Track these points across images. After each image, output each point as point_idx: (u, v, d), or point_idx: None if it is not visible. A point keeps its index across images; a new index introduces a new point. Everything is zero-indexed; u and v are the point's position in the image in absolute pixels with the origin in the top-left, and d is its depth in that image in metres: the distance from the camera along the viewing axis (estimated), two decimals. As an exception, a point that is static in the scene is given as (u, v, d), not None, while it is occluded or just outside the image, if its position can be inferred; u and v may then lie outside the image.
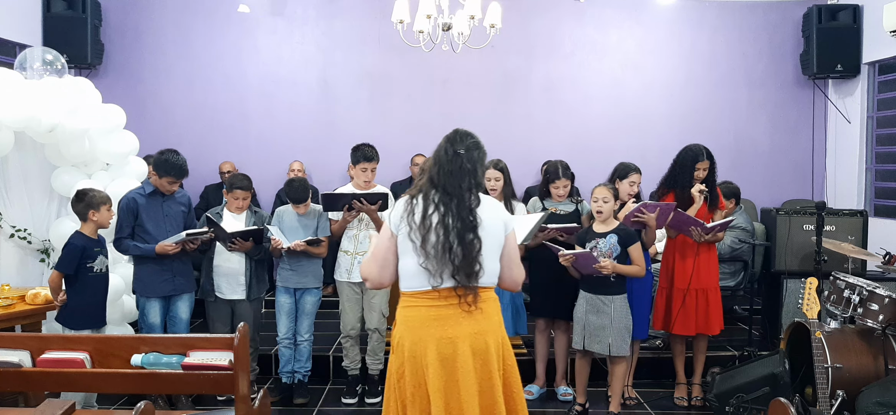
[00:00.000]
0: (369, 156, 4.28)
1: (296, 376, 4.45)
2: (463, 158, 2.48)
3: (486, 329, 2.47)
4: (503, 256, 2.56)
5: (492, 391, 2.44)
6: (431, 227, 2.41)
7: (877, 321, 3.70)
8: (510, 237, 2.58)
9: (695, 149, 4.28)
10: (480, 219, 2.46)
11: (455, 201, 2.43)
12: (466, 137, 2.54)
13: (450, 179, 2.46)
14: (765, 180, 7.11)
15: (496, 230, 2.52)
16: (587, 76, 7.15)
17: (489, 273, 2.49)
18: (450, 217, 2.42)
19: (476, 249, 2.42)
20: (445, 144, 2.54)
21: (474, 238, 2.42)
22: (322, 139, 7.01)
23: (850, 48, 6.65)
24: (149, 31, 6.96)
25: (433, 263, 2.41)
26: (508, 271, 2.60)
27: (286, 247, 4.16)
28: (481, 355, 2.44)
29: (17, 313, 3.87)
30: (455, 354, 2.41)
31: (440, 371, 2.41)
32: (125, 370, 2.87)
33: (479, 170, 2.53)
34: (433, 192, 2.47)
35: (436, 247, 2.40)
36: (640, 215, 4.09)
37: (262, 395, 2.97)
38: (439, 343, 2.42)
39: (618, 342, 3.91)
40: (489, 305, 2.50)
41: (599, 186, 4.00)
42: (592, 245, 3.96)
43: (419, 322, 2.45)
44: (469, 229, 2.42)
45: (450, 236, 2.40)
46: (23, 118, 4.16)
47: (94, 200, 3.87)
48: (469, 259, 2.41)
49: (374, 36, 6.94)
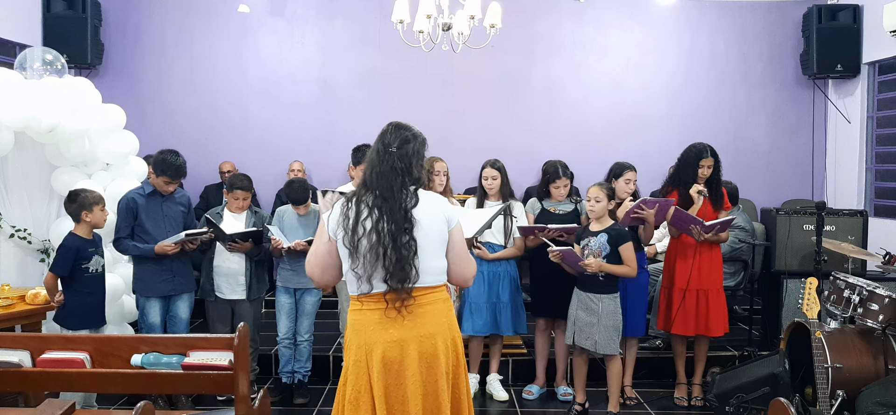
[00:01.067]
0: None
1: (296, 376, 4.45)
2: (394, 156, 2.41)
3: (435, 331, 2.39)
4: (449, 251, 2.48)
5: (437, 395, 2.38)
6: (365, 232, 2.34)
7: (877, 321, 3.70)
8: (455, 232, 2.50)
9: (699, 147, 4.29)
10: (416, 219, 2.38)
11: (388, 204, 2.36)
12: (399, 133, 2.46)
13: (381, 180, 2.39)
14: (765, 180, 7.11)
15: (437, 227, 2.44)
16: (587, 76, 7.15)
17: (431, 272, 2.41)
18: (383, 221, 2.34)
19: (411, 251, 2.34)
20: (377, 143, 2.47)
21: (410, 239, 2.34)
22: (322, 139, 7.01)
23: (850, 48, 6.65)
24: (149, 31, 6.96)
25: (367, 268, 2.35)
26: (456, 267, 2.51)
27: (286, 247, 4.16)
28: (428, 358, 2.37)
29: (17, 313, 3.87)
30: (401, 357, 2.36)
31: (384, 375, 2.35)
32: (125, 370, 2.87)
33: (415, 166, 2.44)
34: (366, 194, 2.40)
35: (368, 252, 2.34)
36: (640, 212, 4.11)
37: (262, 395, 2.97)
38: (386, 346, 2.35)
39: (604, 340, 3.94)
40: (437, 306, 2.43)
41: (593, 186, 4.03)
42: (584, 243, 4.00)
43: (365, 325, 2.39)
44: (403, 231, 2.34)
45: (383, 240, 2.33)
46: (23, 118, 4.15)
47: (87, 200, 3.86)
48: (402, 262, 2.32)
49: (374, 36, 6.94)
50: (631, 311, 4.24)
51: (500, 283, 4.36)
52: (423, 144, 2.52)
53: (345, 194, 2.50)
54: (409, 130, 2.50)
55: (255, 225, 4.29)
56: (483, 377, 4.59)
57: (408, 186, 2.41)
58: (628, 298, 4.21)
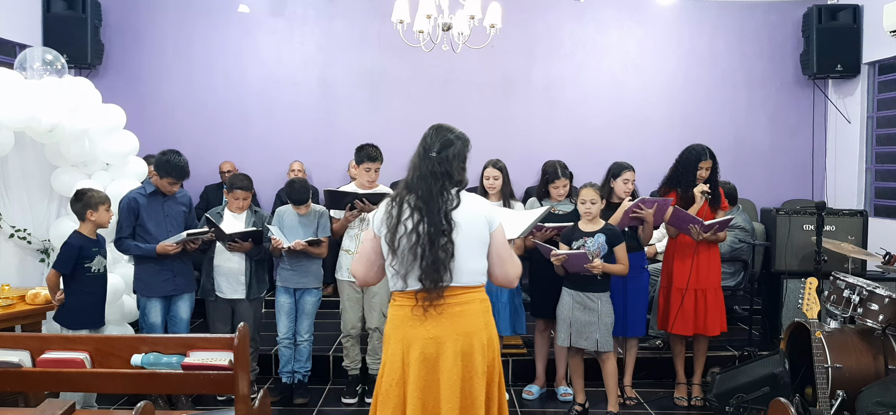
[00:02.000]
0: (373, 156, 4.28)
1: (296, 376, 4.45)
2: (434, 160, 2.46)
3: (471, 330, 2.44)
4: (491, 253, 2.52)
5: (472, 392, 2.42)
6: (405, 231, 2.41)
7: (877, 321, 3.70)
8: (496, 234, 2.52)
9: (698, 148, 4.29)
10: (456, 221, 2.42)
11: (427, 206, 2.41)
12: (439, 135, 2.51)
13: (421, 183, 2.44)
14: (765, 180, 7.11)
15: (477, 229, 2.47)
16: (587, 76, 7.15)
17: (469, 272, 2.46)
18: (423, 222, 2.40)
19: (448, 253, 2.39)
20: (420, 146, 2.52)
21: (447, 242, 2.39)
22: (322, 139, 7.01)
23: (850, 48, 6.65)
24: (149, 31, 6.96)
25: (405, 266, 2.41)
26: (499, 268, 2.54)
27: (286, 247, 4.16)
28: (464, 356, 2.42)
29: (17, 313, 3.87)
30: (438, 354, 2.41)
31: (421, 370, 2.41)
32: (125, 370, 2.86)
33: (455, 169, 2.49)
34: (408, 195, 2.46)
35: (407, 251, 2.40)
36: (639, 211, 4.11)
37: (262, 395, 2.97)
38: (424, 343, 2.42)
39: (604, 338, 3.98)
40: (474, 306, 2.47)
41: (586, 187, 4.03)
42: (579, 244, 3.98)
43: (404, 321, 2.47)
44: (440, 234, 2.39)
45: (422, 241, 2.39)
46: (23, 118, 4.15)
47: (93, 199, 3.87)
48: (437, 264, 2.38)
49: (374, 36, 6.94)
50: (631, 311, 4.24)
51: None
52: (465, 146, 2.56)
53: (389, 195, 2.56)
54: (451, 132, 2.54)
55: (255, 225, 4.29)
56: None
57: (448, 188, 2.45)
58: (628, 298, 4.22)
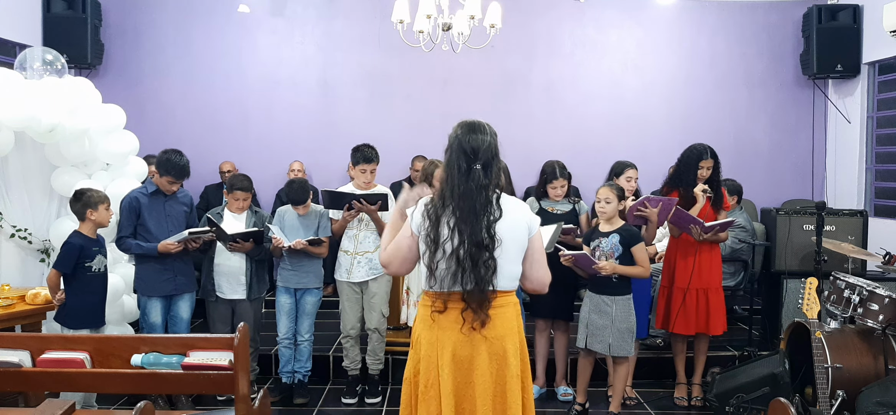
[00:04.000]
0: (369, 157, 4.28)
1: (296, 376, 4.45)
2: (478, 174, 2.33)
3: (504, 334, 2.40)
4: (527, 259, 2.46)
5: (505, 395, 2.39)
6: (445, 255, 2.34)
7: (877, 321, 3.70)
8: (534, 239, 2.47)
9: (699, 148, 4.29)
10: (499, 235, 2.34)
11: (471, 224, 2.31)
12: (477, 138, 2.36)
13: (464, 199, 2.32)
14: (765, 180, 7.11)
15: (518, 236, 2.41)
16: (587, 76, 7.15)
17: (506, 277, 2.40)
18: (465, 242, 2.30)
19: (490, 270, 2.33)
20: (458, 156, 2.36)
21: (490, 258, 2.32)
22: (322, 139, 7.01)
23: (850, 48, 6.65)
24: (149, 31, 6.96)
25: (448, 270, 2.35)
26: (534, 273, 2.49)
27: (287, 246, 4.16)
28: (498, 360, 2.39)
29: (17, 313, 3.87)
30: (472, 356, 2.38)
31: (454, 372, 2.38)
32: (125, 370, 2.86)
33: (493, 175, 2.37)
34: (447, 212, 2.34)
35: (449, 264, 2.34)
36: (642, 210, 4.11)
37: (262, 395, 2.97)
38: (456, 344, 2.38)
39: (618, 343, 3.90)
40: (509, 310, 2.43)
41: (603, 187, 4.00)
42: (595, 244, 3.96)
43: (437, 322, 2.41)
44: (484, 249, 2.31)
45: (462, 260, 2.31)
46: (23, 118, 4.15)
47: (92, 199, 3.87)
48: (482, 284, 2.32)
49: (374, 36, 6.93)
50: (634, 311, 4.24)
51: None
52: (496, 137, 2.42)
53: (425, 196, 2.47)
54: (485, 133, 2.39)
55: (255, 225, 4.29)
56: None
57: (491, 200, 2.35)
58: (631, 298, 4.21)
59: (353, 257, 4.32)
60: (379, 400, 4.45)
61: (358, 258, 4.31)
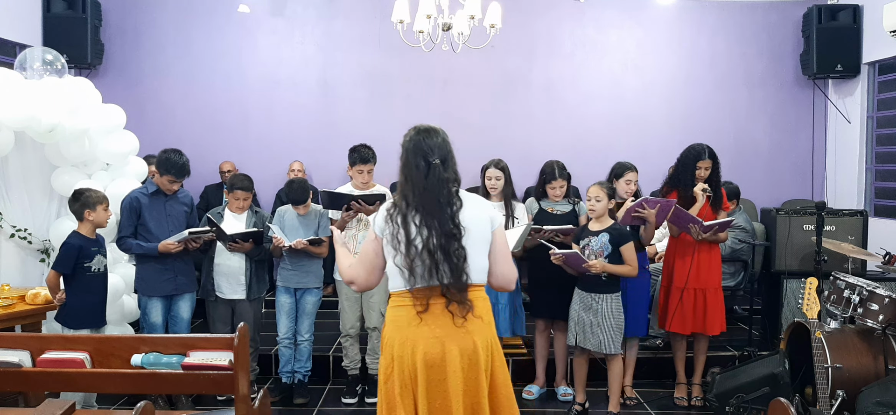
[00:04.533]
0: (366, 158, 4.28)
1: (296, 376, 4.45)
2: (438, 168, 2.39)
3: (474, 329, 2.40)
4: (492, 253, 2.49)
5: (477, 391, 2.40)
6: (418, 252, 2.35)
7: (877, 321, 3.70)
8: (497, 233, 2.50)
9: (697, 148, 4.29)
10: (465, 225, 2.38)
11: (436, 219, 2.35)
12: (432, 139, 2.42)
13: (426, 196, 2.36)
14: (765, 180, 7.11)
15: (482, 229, 2.45)
16: (587, 76, 7.15)
17: (476, 271, 2.43)
18: (434, 235, 2.34)
19: (462, 257, 2.36)
20: (414, 158, 2.41)
21: (459, 247, 2.36)
22: (322, 139, 7.01)
23: (850, 48, 6.65)
24: (149, 31, 6.96)
25: (418, 266, 2.35)
26: (498, 267, 2.50)
27: (288, 246, 4.16)
28: (469, 355, 2.39)
29: (17, 313, 3.87)
30: (443, 353, 2.37)
31: (426, 371, 2.37)
32: (125, 370, 2.86)
33: (450, 170, 2.43)
34: (411, 212, 2.37)
35: (423, 259, 2.35)
36: (641, 211, 4.11)
37: (262, 395, 2.97)
38: (427, 343, 2.38)
39: (608, 340, 3.95)
40: (477, 305, 2.43)
41: (593, 185, 4.03)
42: (585, 243, 3.99)
43: (406, 322, 2.41)
44: (453, 239, 2.35)
45: (434, 252, 2.33)
46: (23, 118, 4.16)
47: (90, 199, 3.87)
48: (458, 272, 2.35)
49: (374, 36, 6.93)
50: (632, 311, 4.24)
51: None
52: (448, 140, 2.49)
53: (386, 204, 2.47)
54: (436, 132, 2.47)
55: (255, 225, 4.29)
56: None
57: (454, 193, 2.41)
58: (629, 298, 4.21)
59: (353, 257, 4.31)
60: (379, 400, 4.44)
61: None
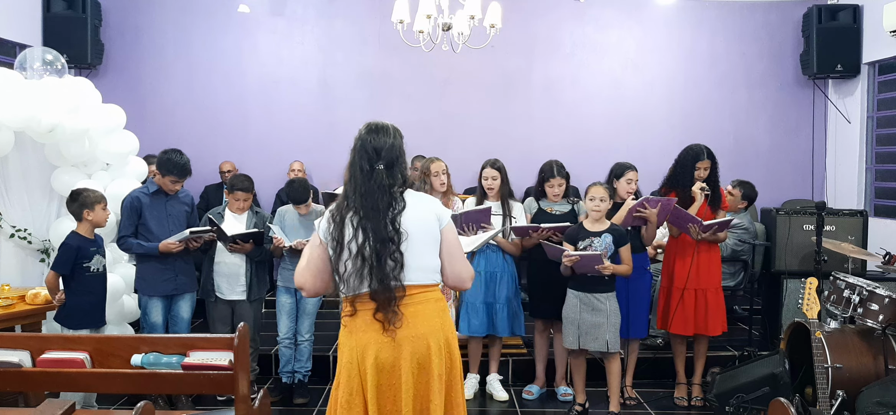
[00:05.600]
0: None
1: (296, 376, 4.45)
2: (382, 173, 2.33)
3: (427, 332, 2.34)
4: (442, 251, 2.42)
5: (427, 396, 2.34)
6: (351, 255, 2.31)
7: (877, 321, 3.70)
8: (447, 231, 2.42)
9: (696, 148, 4.30)
10: (404, 227, 2.31)
11: (372, 223, 2.29)
12: (379, 139, 2.38)
13: (366, 199, 2.31)
14: (765, 180, 7.06)
15: (428, 227, 2.38)
16: (587, 76, 7.15)
17: (423, 270, 2.36)
18: (368, 241, 2.29)
19: (396, 264, 2.29)
20: (359, 158, 2.37)
21: (396, 250, 2.29)
22: (322, 139, 7.01)
23: (850, 48, 6.65)
24: (149, 31, 6.96)
25: (354, 270, 2.31)
26: (450, 266, 2.43)
27: (288, 246, 4.16)
28: (420, 359, 2.33)
29: (17, 313, 3.87)
30: (395, 358, 2.32)
31: (377, 376, 2.32)
32: (125, 370, 2.86)
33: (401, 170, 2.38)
34: (350, 212, 2.33)
35: (356, 263, 2.30)
36: (642, 211, 4.11)
37: (262, 395, 2.97)
38: (379, 347, 2.31)
39: (614, 339, 3.96)
40: (429, 306, 2.37)
41: (596, 185, 4.02)
42: (587, 243, 3.97)
43: (357, 327, 2.36)
44: (389, 243, 2.29)
45: (369, 261, 2.28)
46: (23, 118, 4.15)
47: (89, 199, 3.86)
48: (386, 281, 2.28)
49: (374, 36, 6.93)
50: (633, 312, 4.25)
51: (497, 283, 4.34)
52: (401, 138, 2.44)
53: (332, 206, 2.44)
54: (388, 134, 2.41)
55: (255, 225, 4.29)
56: (483, 377, 4.58)
57: (396, 197, 2.34)
58: (630, 298, 4.22)
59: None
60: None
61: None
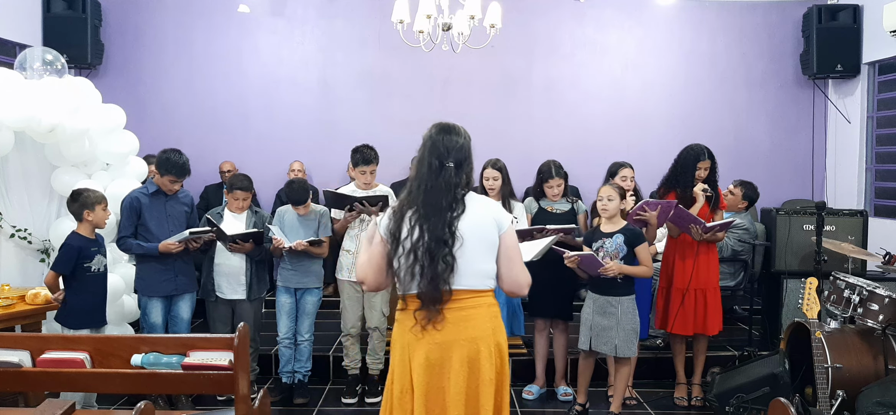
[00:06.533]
0: (368, 158, 4.28)
1: (296, 376, 4.45)
2: (451, 171, 2.35)
3: (478, 335, 2.36)
4: (500, 257, 2.42)
5: (477, 399, 2.36)
6: (404, 251, 2.34)
7: (877, 321, 3.70)
8: (506, 237, 2.43)
9: (696, 148, 4.29)
10: (461, 231, 2.32)
11: (430, 222, 2.31)
12: (451, 139, 2.39)
13: (430, 196, 2.34)
14: (765, 180, 7.03)
15: (486, 232, 2.39)
16: (587, 76, 7.15)
17: (477, 276, 2.37)
18: (424, 237, 2.31)
19: (447, 267, 2.30)
20: (430, 155, 2.39)
21: (448, 254, 2.30)
22: (322, 139, 7.01)
23: (850, 48, 6.65)
24: (149, 31, 6.96)
25: (407, 267, 2.34)
26: (507, 271, 2.44)
27: (288, 247, 4.16)
28: (471, 363, 2.35)
29: (17, 313, 3.87)
30: (444, 359, 2.34)
31: (426, 375, 2.34)
32: (125, 370, 2.86)
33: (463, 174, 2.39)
34: (410, 210, 2.36)
35: (408, 259, 2.33)
36: (642, 214, 4.11)
37: (262, 395, 2.97)
38: (429, 347, 2.35)
39: (624, 343, 3.88)
40: (482, 311, 2.39)
41: (605, 186, 4.01)
42: (599, 245, 3.94)
43: (411, 325, 2.39)
44: (442, 245, 2.30)
45: (420, 257, 2.30)
46: (23, 118, 4.15)
47: (89, 199, 3.86)
48: (436, 281, 2.30)
49: (374, 36, 6.94)
50: (634, 312, 4.25)
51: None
52: (470, 141, 2.45)
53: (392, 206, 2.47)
54: (458, 135, 2.42)
55: (255, 225, 4.29)
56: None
57: (458, 198, 2.36)
58: (632, 299, 4.21)
59: (356, 257, 4.32)
60: (379, 400, 4.44)
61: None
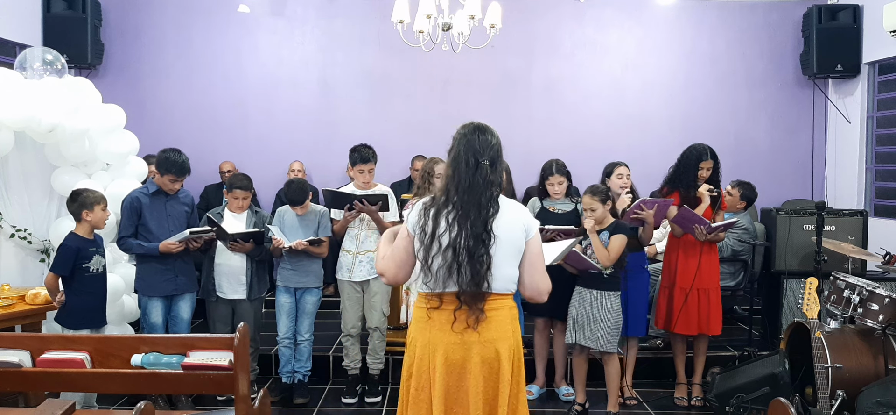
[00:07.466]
0: (366, 157, 4.28)
1: (296, 376, 4.45)
2: (486, 169, 2.36)
3: (498, 338, 2.38)
4: (524, 262, 2.44)
5: (496, 400, 2.38)
6: (440, 248, 2.33)
7: (877, 321, 3.70)
8: (532, 243, 2.44)
9: (699, 148, 4.30)
10: (495, 232, 2.34)
11: (471, 218, 2.32)
12: (486, 139, 2.40)
13: (469, 193, 2.34)
14: (765, 180, 7.05)
15: (514, 237, 2.40)
16: (587, 76, 7.15)
17: (501, 279, 2.38)
18: (463, 235, 2.31)
19: (484, 265, 2.32)
20: (466, 152, 2.38)
21: (484, 253, 2.32)
22: (322, 139, 7.01)
23: (850, 48, 6.65)
24: (149, 31, 6.96)
25: (443, 270, 2.34)
26: (530, 278, 2.45)
27: (288, 247, 4.16)
28: (490, 364, 2.38)
29: (17, 313, 3.87)
30: (464, 359, 2.36)
31: (446, 375, 2.36)
32: (125, 370, 2.86)
33: (498, 174, 2.40)
34: (447, 207, 2.35)
35: (445, 256, 2.33)
36: (639, 212, 4.12)
37: (262, 395, 2.97)
38: (448, 347, 2.37)
39: (606, 338, 3.96)
40: (503, 313, 2.41)
41: (584, 195, 4.05)
42: (586, 243, 4.02)
43: (431, 324, 2.40)
44: (481, 243, 2.31)
45: (458, 253, 2.31)
46: (23, 118, 4.15)
47: (88, 199, 3.86)
48: (477, 278, 2.31)
49: (374, 36, 6.94)
50: (632, 311, 4.25)
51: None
52: (501, 142, 2.46)
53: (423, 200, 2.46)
54: (490, 131, 2.44)
55: (255, 225, 4.29)
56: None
57: (494, 197, 2.37)
58: (629, 297, 4.22)
59: (355, 257, 4.32)
60: (379, 400, 4.45)
61: (360, 258, 4.31)
